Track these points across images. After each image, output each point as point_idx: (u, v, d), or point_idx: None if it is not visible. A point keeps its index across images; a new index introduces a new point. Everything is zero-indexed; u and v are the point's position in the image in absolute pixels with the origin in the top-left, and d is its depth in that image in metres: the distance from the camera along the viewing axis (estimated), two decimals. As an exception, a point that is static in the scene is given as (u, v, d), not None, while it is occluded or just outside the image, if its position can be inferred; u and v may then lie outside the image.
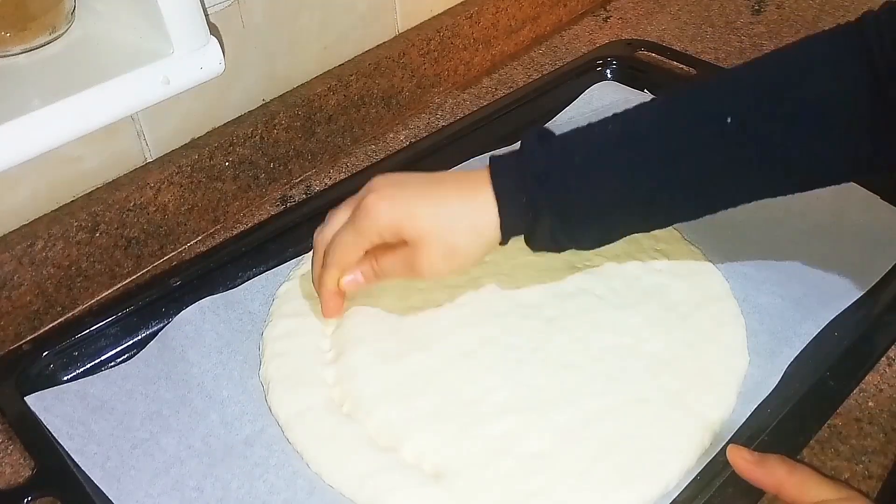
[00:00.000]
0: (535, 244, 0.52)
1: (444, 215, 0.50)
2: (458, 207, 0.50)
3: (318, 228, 0.56)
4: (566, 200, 0.50)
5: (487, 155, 0.70)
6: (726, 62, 0.86)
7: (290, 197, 0.74)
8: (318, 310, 0.57)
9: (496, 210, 0.50)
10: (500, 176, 0.50)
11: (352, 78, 0.76)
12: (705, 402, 0.52)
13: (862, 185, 0.67)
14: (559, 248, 0.52)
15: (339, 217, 0.54)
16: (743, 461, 0.46)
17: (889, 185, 0.67)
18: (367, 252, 0.53)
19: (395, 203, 0.50)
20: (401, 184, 0.52)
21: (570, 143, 0.51)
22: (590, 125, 0.51)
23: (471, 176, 0.52)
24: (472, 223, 0.50)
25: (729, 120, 0.48)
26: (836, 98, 0.47)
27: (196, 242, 0.70)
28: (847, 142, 0.47)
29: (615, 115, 0.51)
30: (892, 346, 0.56)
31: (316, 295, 0.56)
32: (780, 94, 0.48)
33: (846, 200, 0.66)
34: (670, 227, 0.65)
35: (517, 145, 0.52)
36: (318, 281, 0.55)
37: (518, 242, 0.63)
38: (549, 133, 0.52)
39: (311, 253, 0.64)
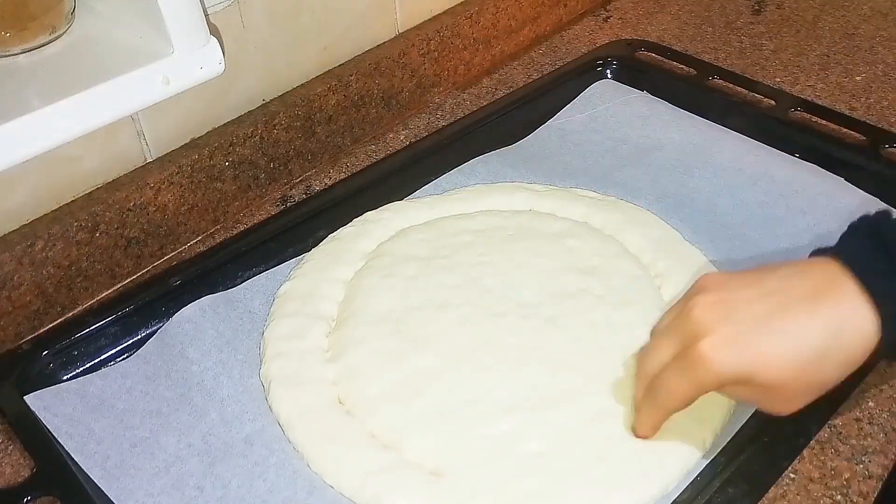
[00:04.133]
0: None
1: (806, 353, 0.41)
2: (822, 338, 0.41)
3: (643, 351, 0.49)
4: None
5: (489, 155, 0.69)
6: (726, 62, 0.86)
7: (291, 197, 0.74)
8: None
9: (873, 317, 0.41)
10: (868, 271, 0.41)
11: (352, 78, 0.76)
12: (705, 403, 0.52)
13: (861, 188, 0.67)
14: None
15: (665, 345, 0.46)
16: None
17: (889, 187, 0.67)
18: None
19: (740, 347, 0.42)
20: (737, 310, 0.43)
21: None
22: None
23: (819, 280, 0.42)
24: (846, 354, 0.41)
25: None
26: None
27: (196, 242, 0.70)
28: None
29: None
30: (892, 346, 0.56)
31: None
32: None
33: (846, 202, 0.66)
34: (670, 228, 0.65)
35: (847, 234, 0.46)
36: (638, 421, 0.49)
37: (517, 242, 0.64)
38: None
39: (312, 252, 0.64)
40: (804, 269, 0.44)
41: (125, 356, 0.58)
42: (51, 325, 0.62)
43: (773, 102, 0.78)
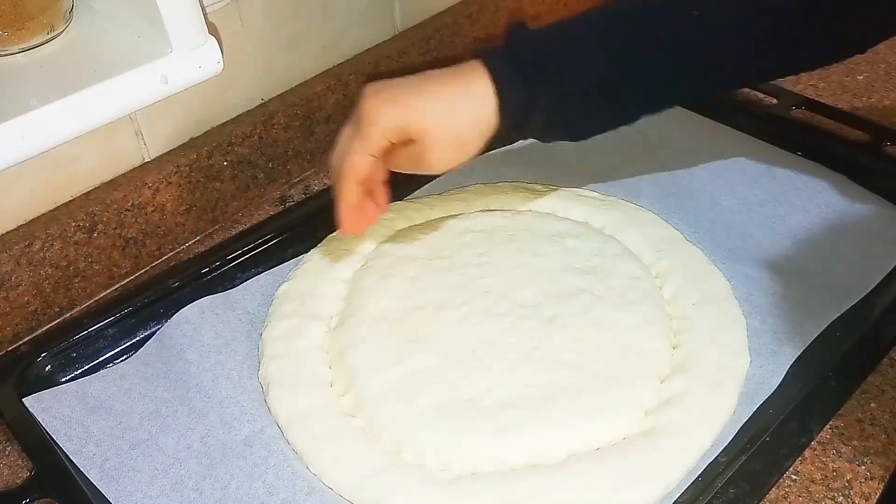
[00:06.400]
0: (527, 131, 0.55)
1: (446, 107, 0.52)
2: (458, 97, 0.52)
3: (330, 153, 0.55)
4: (561, 83, 0.52)
5: (489, 154, 0.69)
6: (727, 61, 0.86)
7: (289, 197, 0.74)
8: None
9: (494, 97, 0.51)
10: (495, 65, 0.52)
11: (351, 77, 0.76)
12: (707, 403, 0.52)
13: (864, 185, 0.67)
14: (549, 137, 0.56)
15: (345, 134, 0.53)
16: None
17: (891, 185, 0.67)
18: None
19: (396, 102, 0.51)
20: (394, 84, 0.52)
21: (558, 33, 0.54)
22: (571, 19, 0.54)
23: (462, 68, 0.53)
24: (474, 111, 0.52)
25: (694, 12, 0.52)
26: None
27: (194, 243, 0.70)
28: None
29: (595, 9, 0.54)
30: (894, 347, 0.56)
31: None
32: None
33: (848, 200, 0.66)
34: (671, 228, 0.65)
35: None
36: (339, 209, 0.54)
37: (517, 242, 0.63)
38: (534, 28, 0.55)
39: (311, 252, 0.64)
40: (455, 66, 0.54)
41: (124, 358, 0.58)
42: (49, 327, 0.62)
43: (774, 101, 0.78)
